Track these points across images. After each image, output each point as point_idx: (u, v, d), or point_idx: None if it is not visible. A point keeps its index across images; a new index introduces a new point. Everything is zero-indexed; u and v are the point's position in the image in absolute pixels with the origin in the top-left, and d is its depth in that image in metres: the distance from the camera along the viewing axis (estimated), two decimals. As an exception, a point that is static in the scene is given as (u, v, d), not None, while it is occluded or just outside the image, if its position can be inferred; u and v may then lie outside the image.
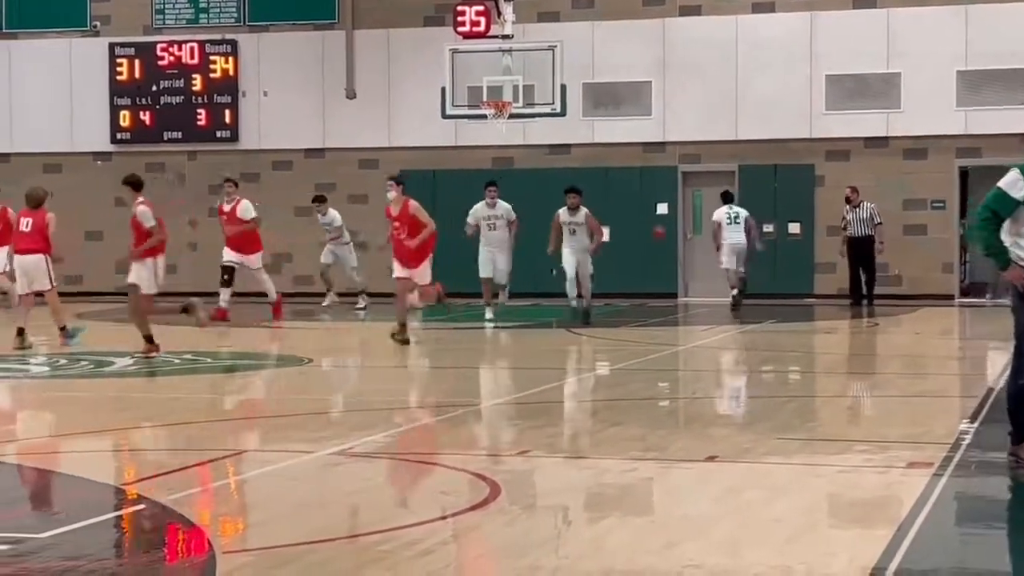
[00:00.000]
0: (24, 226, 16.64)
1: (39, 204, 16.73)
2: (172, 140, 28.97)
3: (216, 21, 29.05)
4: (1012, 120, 25.61)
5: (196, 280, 25.17)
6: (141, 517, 7.32)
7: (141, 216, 15.66)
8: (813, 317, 23.32)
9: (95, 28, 29.42)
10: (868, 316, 22.91)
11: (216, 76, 28.89)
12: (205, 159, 28.89)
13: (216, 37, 28.93)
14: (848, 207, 25.18)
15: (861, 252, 25.02)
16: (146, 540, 7.02)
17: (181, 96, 29.00)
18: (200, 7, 29.10)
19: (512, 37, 23.30)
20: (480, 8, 23.67)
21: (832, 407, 12.60)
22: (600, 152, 27.21)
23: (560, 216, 19.67)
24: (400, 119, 28.05)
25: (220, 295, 20.51)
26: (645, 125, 27.17)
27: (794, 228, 26.77)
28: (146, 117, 29.13)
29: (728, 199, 24.52)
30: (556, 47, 23.65)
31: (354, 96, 28.41)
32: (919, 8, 26.00)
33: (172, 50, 28.99)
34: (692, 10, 26.96)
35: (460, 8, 23.88)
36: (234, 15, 28.96)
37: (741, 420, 11.50)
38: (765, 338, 19.62)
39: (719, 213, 24.23)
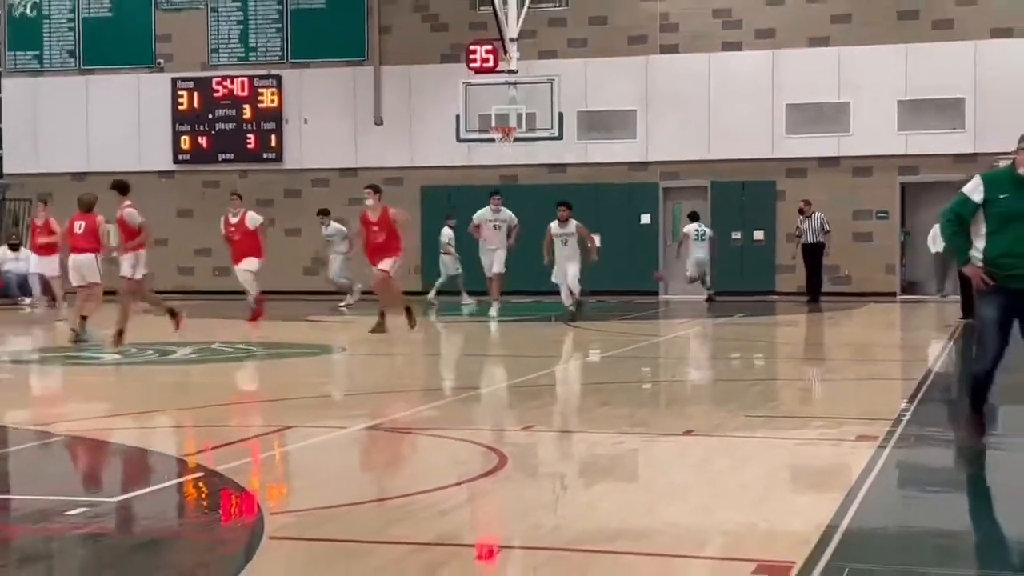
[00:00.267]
0: (78, 228, 16.35)
1: (90, 208, 16.46)
2: (225, 161, 29.02)
3: (263, 59, 29.09)
4: (945, 143, 25.67)
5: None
6: (199, 484, 7.34)
7: (128, 217, 15.52)
8: (775, 312, 23.32)
9: (160, 65, 29.47)
10: (811, 311, 22.92)
11: (263, 106, 28.93)
12: (254, 177, 28.93)
13: (263, 72, 28.97)
14: (801, 217, 25.24)
15: (812, 256, 25.10)
16: (203, 504, 7.03)
17: (233, 123, 29.03)
18: (249, 47, 29.14)
19: (516, 72, 23.34)
20: (489, 47, 23.76)
21: (792, 388, 12.59)
22: (592, 171, 27.22)
23: (552, 229, 19.18)
24: (421, 142, 28.09)
25: (248, 298, 19.28)
26: (631, 147, 27.19)
27: (759, 235, 26.82)
28: (203, 141, 29.18)
29: (695, 218, 25.26)
30: (554, 80, 23.71)
31: (381, 123, 28.45)
32: (866, 47, 26.02)
33: (225, 84, 29.04)
34: (671, 48, 26.98)
35: (472, 48, 24.00)
36: (278, 54, 29.01)
37: (714, 400, 11.49)
38: (734, 330, 19.63)
39: (689, 228, 25.10)
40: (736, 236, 26.84)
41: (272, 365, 14.61)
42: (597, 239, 24.63)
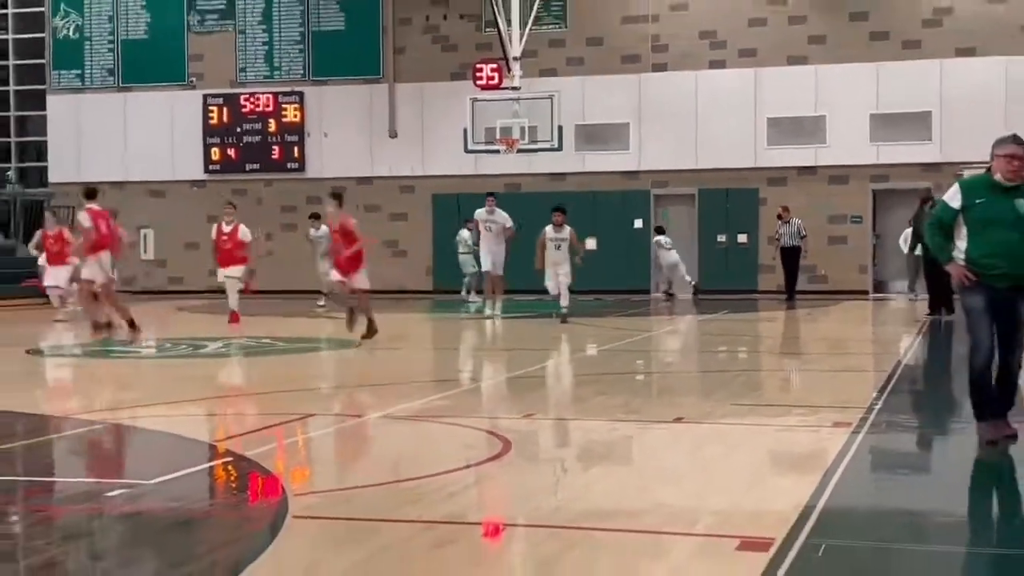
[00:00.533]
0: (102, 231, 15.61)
1: (114, 215, 16.01)
2: (252, 171, 29.05)
3: (287, 77, 29.10)
4: (913, 153, 25.70)
5: (272, 281, 25.18)
6: (228, 467, 7.35)
7: (79, 220, 15.04)
8: (757, 309, 23.30)
9: (192, 83, 29.48)
10: (789, 308, 22.93)
11: (287, 120, 28.95)
12: (278, 186, 28.99)
13: (287, 89, 28.98)
14: (780, 222, 25.26)
15: (790, 258, 25.15)
16: (232, 485, 7.03)
17: (259, 136, 29.06)
18: (274, 66, 29.16)
19: (519, 89, 23.34)
20: (494, 66, 23.80)
21: (773, 379, 12.59)
22: (589, 179, 27.21)
23: (547, 233, 18.48)
24: (432, 153, 28.09)
25: (232, 303, 17.81)
26: (624, 158, 27.19)
27: (742, 238, 26.81)
28: (232, 152, 29.20)
29: (661, 231, 26.07)
30: (554, 96, 23.72)
31: (395, 135, 28.45)
32: (840, 65, 26.02)
33: (252, 100, 29.06)
34: (661, 67, 26.98)
35: (479, 66, 24.03)
36: (301, 72, 29.02)
37: (702, 390, 11.48)
38: (719, 325, 19.61)
39: (660, 239, 25.84)
40: (721, 239, 26.87)
41: (295, 358, 14.62)
42: (592, 242, 24.84)
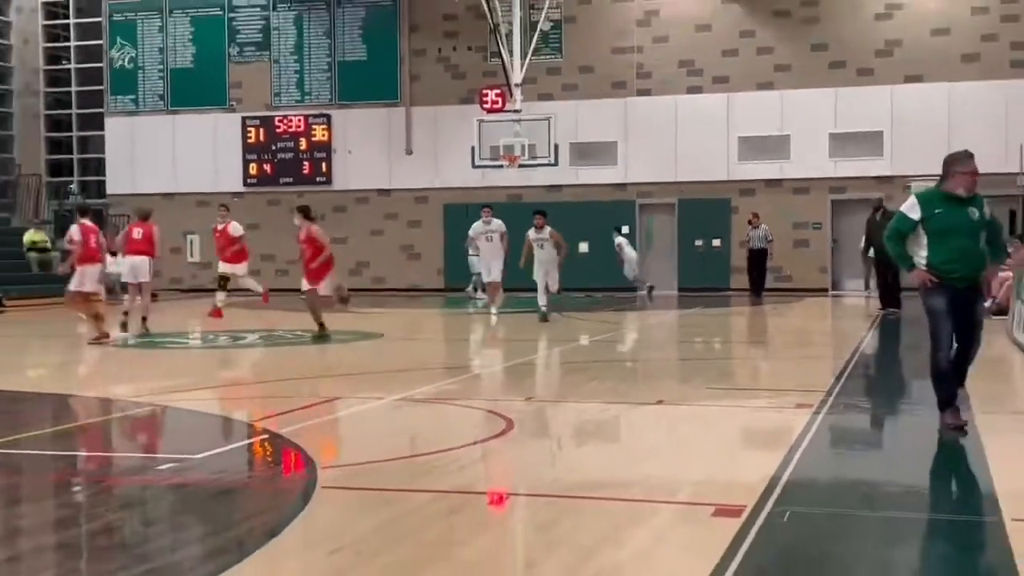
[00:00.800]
0: (136, 234, 15.62)
1: (147, 217, 15.92)
2: (285, 183, 28.99)
3: (316, 101, 29.07)
4: (867, 167, 25.67)
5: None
6: (264, 444, 7.34)
7: (71, 233, 14.83)
8: (729, 304, 23.28)
9: (232, 107, 29.45)
10: (755, 304, 22.91)
11: (316, 139, 28.90)
12: (308, 197, 28.64)
13: (316, 112, 28.94)
14: (750, 228, 25.29)
15: (758, 261, 25.19)
16: (268, 460, 7.04)
17: (292, 153, 29.02)
18: (305, 91, 29.14)
19: (520, 111, 23.28)
20: (498, 92, 23.73)
21: (744, 366, 12.59)
22: (582, 191, 27.19)
23: (530, 234, 17.80)
24: (443, 168, 28.06)
25: (217, 296, 18.03)
26: (613, 171, 27.15)
27: (717, 242, 26.76)
28: (267, 167, 29.16)
29: (620, 231, 25.74)
30: (551, 118, 23.68)
31: (411, 152, 28.43)
32: (803, 90, 26.00)
33: (285, 121, 29.02)
34: (645, 92, 26.94)
35: (484, 92, 23.97)
36: (328, 97, 28.99)
37: (681, 375, 11.50)
38: (697, 319, 19.60)
39: (621, 239, 25.44)
40: (698, 243, 26.84)
41: (323, 348, 14.63)
42: (585, 246, 24.93)
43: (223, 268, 18.11)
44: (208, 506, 5.67)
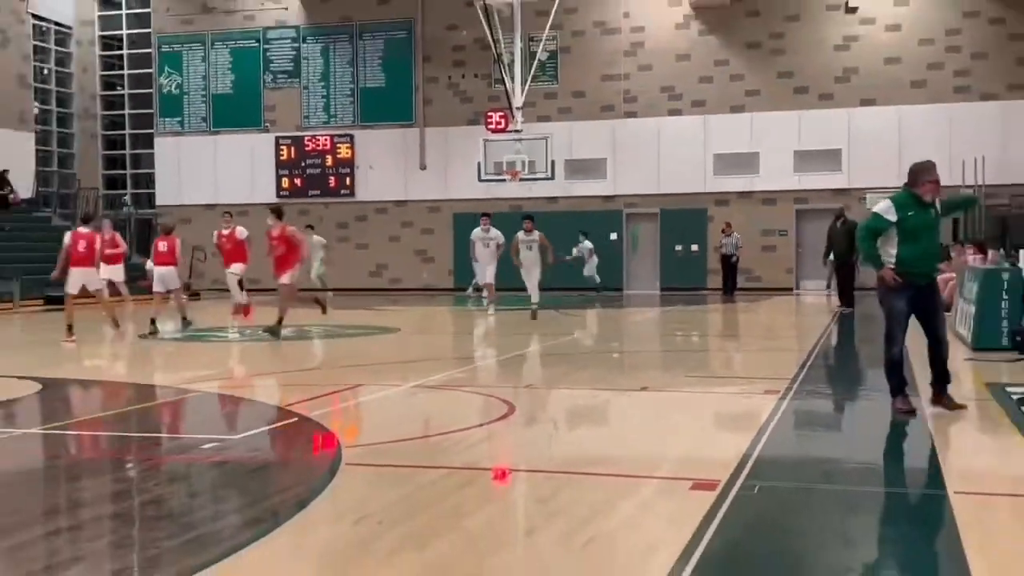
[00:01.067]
0: (162, 247, 15.35)
1: (170, 232, 15.69)
2: (314, 196, 29.02)
3: (341, 122, 29.08)
4: (827, 181, 25.68)
5: (332, 281, 25.18)
6: (295, 426, 7.32)
7: (65, 240, 14.30)
8: (705, 302, 23.26)
9: (266, 127, 29.46)
10: (727, 302, 22.89)
11: (341, 156, 28.90)
12: (334, 207, 28.97)
13: (340, 132, 28.95)
14: (723, 235, 25.34)
15: (730, 264, 25.23)
16: (298, 439, 7.04)
17: (319, 168, 29.02)
18: (331, 114, 29.16)
19: (521, 131, 23.31)
20: (501, 114, 23.82)
21: (719, 356, 12.59)
22: (576, 202, 27.18)
23: (519, 237, 17.40)
24: (453, 182, 28.07)
25: (235, 296, 16.81)
26: (603, 185, 27.16)
27: (695, 247, 26.78)
28: (298, 181, 29.16)
29: (586, 235, 25.69)
30: (548, 137, 23.64)
31: (425, 168, 28.42)
32: (770, 112, 26.02)
33: (313, 141, 29.03)
34: (632, 114, 26.95)
35: (489, 114, 24.05)
36: (351, 119, 29.00)
37: (663, 365, 11.49)
38: (677, 315, 19.60)
39: (585, 244, 25.40)
40: (678, 248, 26.85)
41: (346, 342, 14.63)
42: (576, 251, 24.91)
43: (233, 270, 16.76)
44: (245, 481, 5.67)
